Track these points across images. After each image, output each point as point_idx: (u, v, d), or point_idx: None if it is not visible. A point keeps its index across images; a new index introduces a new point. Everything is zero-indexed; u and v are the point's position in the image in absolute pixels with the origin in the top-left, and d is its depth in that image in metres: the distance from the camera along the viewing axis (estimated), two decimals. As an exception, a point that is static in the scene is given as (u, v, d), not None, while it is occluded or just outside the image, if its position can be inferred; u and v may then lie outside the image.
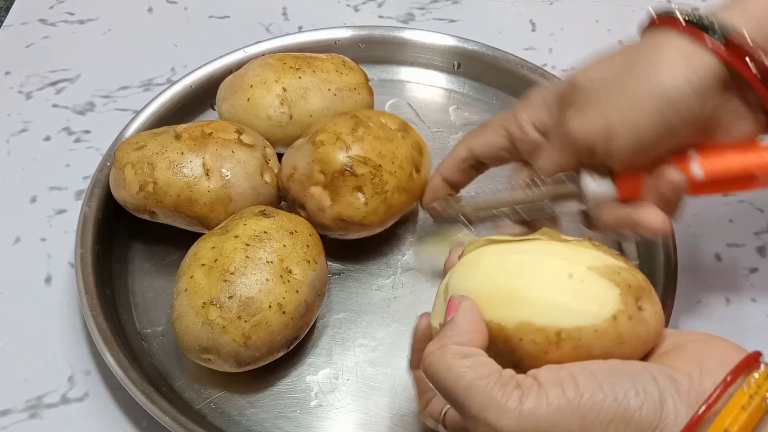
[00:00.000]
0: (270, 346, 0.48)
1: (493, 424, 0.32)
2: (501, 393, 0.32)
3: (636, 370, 0.33)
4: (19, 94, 0.70)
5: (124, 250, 0.58)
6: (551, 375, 0.33)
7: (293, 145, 0.57)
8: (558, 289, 0.35)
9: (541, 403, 0.32)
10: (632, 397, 0.32)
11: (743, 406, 0.32)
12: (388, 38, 0.70)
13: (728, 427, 0.31)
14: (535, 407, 0.32)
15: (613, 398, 0.32)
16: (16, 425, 0.50)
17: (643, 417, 0.32)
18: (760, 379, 0.32)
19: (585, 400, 0.32)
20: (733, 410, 0.32)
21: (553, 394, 0.32)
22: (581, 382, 0.32)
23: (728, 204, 0.63)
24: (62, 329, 0.55)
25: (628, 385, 0.32)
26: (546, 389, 0.32)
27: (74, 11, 0.77)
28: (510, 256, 0.37)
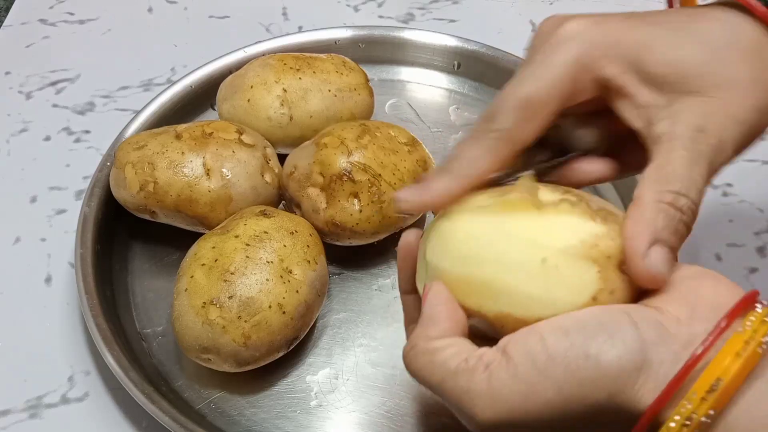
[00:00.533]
0: (270, 346, 0.48)
1: (469, 412, 0.32)
2: (468, 379, 0.32)
3: (615, 317, 0.31)
4: (19, 94, 0.70)
5: (124, 250, 0.58)
6: (519, 346, 0.31)
7: (301, 146, 0.57)
8: (532, 280, 0.33)
9: (510, 380, 0.31)
10: (607, 350, 0.30)
11: (737, 353, 0.29)
12: (388, 38, 0.70)
13: (721, 375, 0.29)
14: (505, 386, 0.31)
15: (585, 355, 0.30)
16: (16, 425, 0.50)
17: (622, 369, 0.30)
18: (756, 322, 0.30)
19: (557, 364, 0.30)
20: (726, 357, 0.29)
21: (523, 367, 0.31)
22: (551, 344, 0.31)
23: (728, 204, 0.63)
24: (62, 329, 0.55)
25: (603, 336, 0.30)
26: (514, 363, 0.31)
27: (74, 11, 0.77)
28: (482, 234, 0.35)
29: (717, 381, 0.29)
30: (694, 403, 0.29)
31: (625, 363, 0.30)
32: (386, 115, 0.67)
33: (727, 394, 0.29)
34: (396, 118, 0.67)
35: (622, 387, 0.30)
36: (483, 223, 0.35)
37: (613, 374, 0.30)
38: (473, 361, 0.32)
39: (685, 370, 0.29)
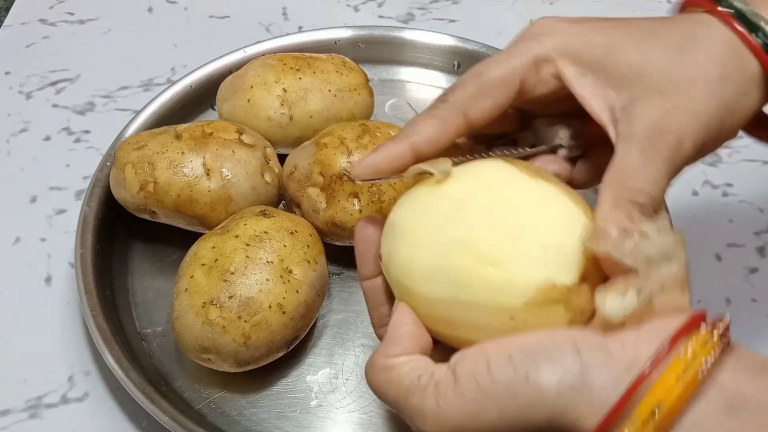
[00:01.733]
0: (270, 346, 0.48)
1: (421, 428, 0.33)
2: (420, 399, 0.33)
3: (558, 342, 0.31)
4: (19, 94, 0.70)
5: (124, 250, 0.58)
6: (467, 366, 0.32)
7: (301, 146, 0.57)
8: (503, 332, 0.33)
9: (456, 401, 0.32)
10: (547, 374, 0.30)
11: (678, 377, 0.29)
12: (388, 38, 0.70)
13: (661, 399, 0.29)
14: (452, 406, 0.32)
15: (525, 379, 0.31)
16: (16, 425, 0.50)
17: (561, 393, 0.30)
18: (697, 347, 0.30)
19: (499, 388, 0.31)
20: (667, 381, 0.29)
21: (467, 388, 0.32)
22: (494, 368, 0.31)
23: (728, 204, 0.63)
24: (62, 329, 0.55)
25: (543, 361, 0.31)
26: (461, 384, 0.32)
27: (74, 11, 0.77)
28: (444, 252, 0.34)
29: (658, 406, 0.29)
30: (635, 427, 0.29)
31: (564, 387, 0.30)
32: (386, 115, 0.67)
33: (668, 418, 0.29)
34: (396, 118, 0.67)
35: (562, 411, 0.30)
36: (445, 232, 0.35)
37: (552, 398, 0.30)
38: (425, 379, 0.33)
39: (626, 396, 0.29)
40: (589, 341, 0.31)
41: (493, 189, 0.35)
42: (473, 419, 0.32)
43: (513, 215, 0.34)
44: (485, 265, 0.33)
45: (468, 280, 0.34)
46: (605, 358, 0.31)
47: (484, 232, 0.34)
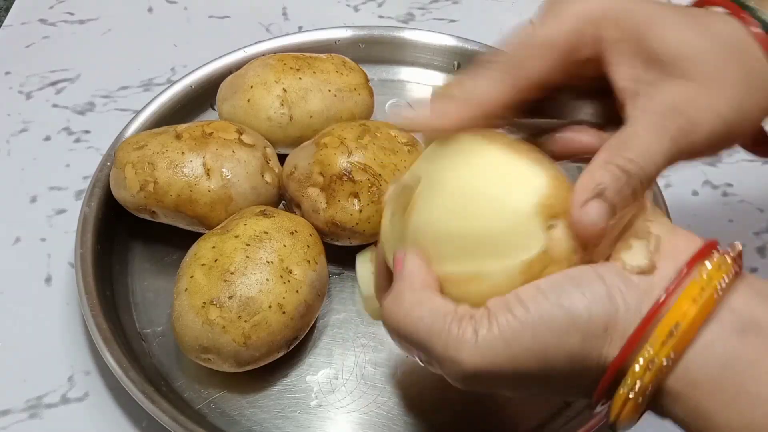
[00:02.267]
0: (270, 346, 0.48)
1: (456, 359, 0.33)
2: (457, 328, 0.33)
3: (582, 272, 0.33)
4: (19, 94, 0.70)
5: (124, 250, 0.58)
6: (500, 303, 0.33)
7: (301, 146, 0.57)
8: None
9: (493, 329, 0.33)
10: (578, 300, 0.32)
11: (694, 298, 0.31)
12: (388, 38, 0.70)
13: (679, 320, 0.31)
14: (488, 333, 0.33)
15: (559, 305, 0.32)
16: (16, 425, 0.50)
17: (593, 317, 0.32)
18: (712, 270, 0.32)
19: (533, 315, 0.32)
20: (684, 303, 0.31)
21: (502, 318, 0.33)
22: (526, 299, 0.33)
23: (728, 204, 0.63)
24: (62, 329, 0.55)
25: (573, 289, 0.32)
26: (495, 315, 0.33)
27: (74, 11, 0.77)
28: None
29: (675, 326, 0.31)
30: (655, 347, 0.31)
31: (594, 310, 0.32)
32: (386, 115, 0.67)
33: (686, 338, 0.31)
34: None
35: (594, 332, 0.32)
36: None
37: (585, 320, 0.32)
38: (462, 311, 0.34)
39: (649, 317, 0.32)
40: (609, 270, 0.33)
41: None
42: (509, 347, 0.33)
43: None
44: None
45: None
46: (626, 284, 0.33)
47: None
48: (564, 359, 0.33)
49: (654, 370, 0.31)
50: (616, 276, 0.33)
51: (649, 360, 0.31)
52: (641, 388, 0.32)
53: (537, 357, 0.33)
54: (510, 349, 0.33)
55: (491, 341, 0.33)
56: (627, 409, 0.32)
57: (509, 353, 0.33)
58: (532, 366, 0.33)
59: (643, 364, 0.31)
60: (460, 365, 0.33)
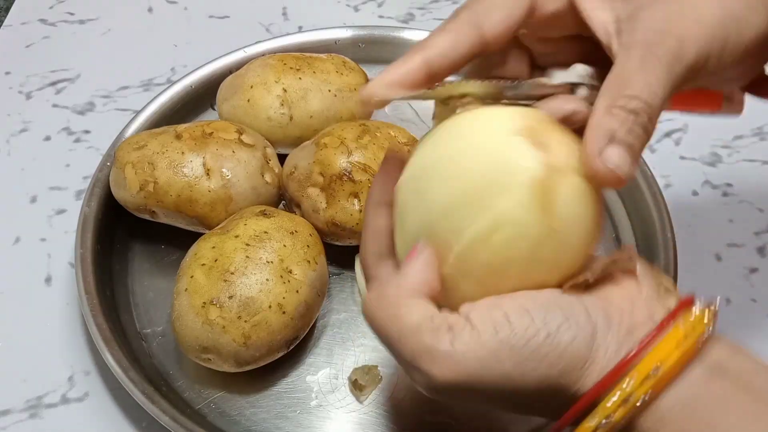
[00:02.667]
0: (270, 346, 0.48)
1: (426, 370, 0.32)
2: (432, 337, 0.32)
3: (569, 302, 0.33)
4: (19, 94, 0.70)
5: (124, 250, 0.58)
6: (484, 316, 0.32)
7: (300, 146, 0.57)
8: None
9: (472, 345, 0.32)
10: (564, 331, 0.32)
11: (678, 343, 0.32)
12: (388, 38, 0.70)
13: (659, 363, 0.31)
14: (467, 349, 0.32)
15: (546, 333, 0.32)
16: (16, 425, 0.50)
17: (575, 350, 0.32)
18: (695, 321, 0.33)
19: (518, 338, 0.32)
20: (665, 347, 0.32)
21: (485, 336, 0.32)
22: (514, 320, 0.32)
23: (728, 204, 0.63)
24: (62, 329, 0.55)
25: (561, 318, 0.32)
26: (478, 330, 0.32)
27: (74, 11, 0.77)
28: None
29: (656, 367, 0.31)
30: (634, 384, 0.31)
31: (579, 344, 0.32)
32: (386, 115, 0.67)
33: (665, 379, 0.31)
34: (396, 118, 0.67)
35: (573, 366, 0.32)
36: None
37: (569, 354, 0.32)
38: (438, 321, 0.33)
39: (635, 354, 0.32)
40: (595, 304, 0.33)
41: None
42: (488, 367, 0.32)
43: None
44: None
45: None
46: (609, 323, 0.33)
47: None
48: (539, 386, 0.32)
49: (629, 406, 0.31)
50: (600, 314, 0.33)
51: (625, 397, 0.31)
52: (611, 423, 0.32)
53: (513, 381, 0.32)
54: (487, 368, 0.32)
55: (469, 359, 0.32)
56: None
57: (485, 373, 0.32)
58: (506, 389, 0.32)
59: (617, 400, 0.31)
60: (432, 379, 0.32)
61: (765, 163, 0.66)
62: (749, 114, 0.44)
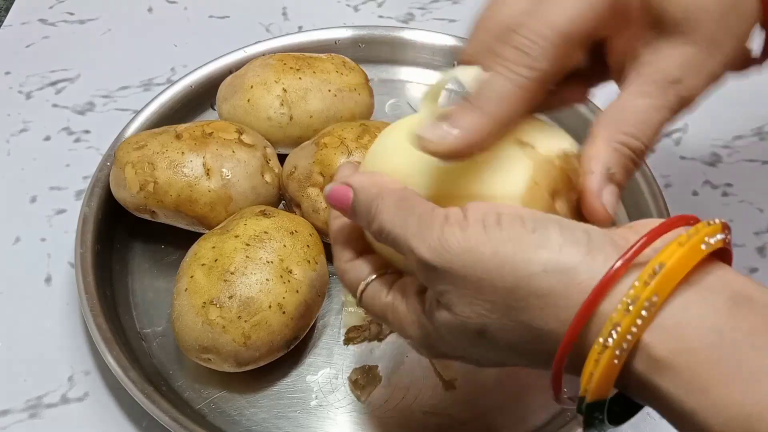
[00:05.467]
0: (270, 346, 0.48)
1: (415, 249, 0.33)
2: (427, 222, 0.33)
3: (570, 221, 0.32)
4: (19, 94, 0.70)
5: (124, 250, 0.58)
6: (479, 213, 0.33)
7: (300, 146, 0.57)
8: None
9: (459, 234, 0.32)
10: (554, 237, 0.31)
11: (680, 243, 0.29)
12: (388, 38, 0.70)
13: (663, 261, 0.29)
14: (452, 235, 0.32)
15: (531, 230, 0.31)
16: (16, 425, 0.50)
17: (563, 255, 0.30)
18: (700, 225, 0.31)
19: (502, 230, 0.31)
20: (669, 247, 0.29)
21: (473, 228, 0.32)
22: (504, 221, 0.32)
23: (728, 204, 0.63)
24: (62, 329, 0.55)
25: (553, 227, 0.31)
26: (469, 221, 0.32)
27: (74, 11, 0.77)
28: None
29: (660, 265, 0.29)
30: (637, 286, 0.29)
31: (569, 250, 0.30)
32: (386, 115, 0.67)
33: (670, 280, 0.29)
34: (396, 118, 0.66)
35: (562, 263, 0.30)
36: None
37: (555, 257, 0.30)
38: (438, 211, 0.34)
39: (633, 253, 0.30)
40: (596, 228, 0.32)
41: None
42: (467, 252, 0.32)
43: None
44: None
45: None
46: (612, 243, 0.31)
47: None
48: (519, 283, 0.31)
49: (634, 312, 0.28)
50: (602, 235, 0.31)
51: (630, 300, 0.28)
52: (620, 336, 0.28)
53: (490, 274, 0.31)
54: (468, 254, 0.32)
55: (452, 243, 0.32)
56: (600, 369, 0.29)
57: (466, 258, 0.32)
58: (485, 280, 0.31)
59: (622, 307, 0.28)
60: (417, 256, 0.33)
61: (765, 163, 0.66)
62: (749, 114, 0.44)
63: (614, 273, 0.29)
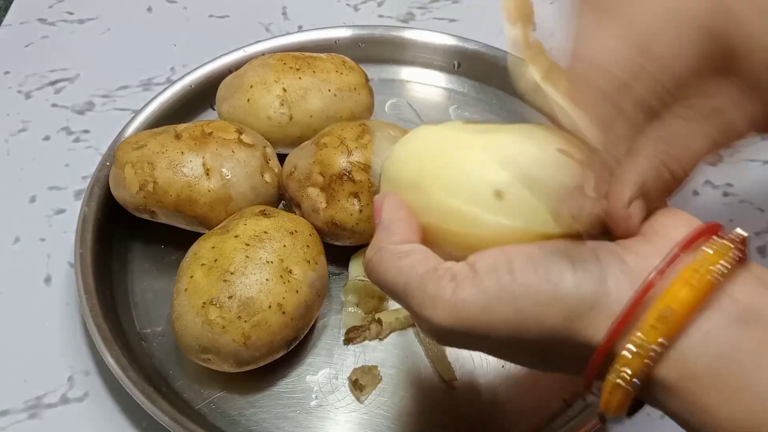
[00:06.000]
0: (270, 346, 0.48)
1: (430, 318, 0.33)
2: (435, 286, 0.33)
3: (579, 249, 0.32)
4: (19, 94, 0.70)
5: (124, 250, 0.58)
6: (488, 262, 0.32)
7: (300, 145, 0.57)
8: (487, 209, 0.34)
9: (474, 292, 0.32)
10: (568, 277, 0.31)
11: (688, 282, 0.30)
12: (388, 38, 0.70)
13: (670, 303, 0.29)
14: (468, 296, 0.32)
15: (546, 279, 0.31)
16: (15, 425, 0.50)
17: (581, 295, 0.31)
18: (710, 254, 0.30)
19: (519, 285, 0.31)
20: (677, 287, 0.30)
21: (487, 282, 0.32)
22: (517, 267, 0.32)
23: (728, 204, 0.63)
24: (62, 329, 0.55)
25: (565, 265, 0.31)
26: (481, 277, 0.32)
27: (73, 11, 0.77)
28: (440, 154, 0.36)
29: (667, 309, 0.29)
30: (644, 332, 0.30)
31: (584, 290, 0.31)
32: (386, 115, 0.67)
33: (678, 323, 0.29)
34: (396, 118, 0.67)
35: (579, 313, 0.31)
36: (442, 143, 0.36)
37: (571, 299, 0.31)
38: (442, 271, 0.33)
39: (638, 298, 0.30)
40: (608, 250, 0.32)
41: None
42: (488, 312, 0.32)
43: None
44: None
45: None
46: (621, 266, 0.31)
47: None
48: (545, 334, 0.31)
49: (643, 356, 0.30)
50: (613, 257, 0.32)
51: (639, 345, 0.30)
52: (630, 376, 0.30)
53: (515, 328, 0.31)
54: (487, 315, 0.32)
55: (470, 305, 0.32)
56: (615, 398, 0.31)
57: (486, 319, 0.32)
58: (510, 336, 0.32)
59: (631, 349, 0.30)
60: (433, 323, 0.33)
61: (765, 163, 0.66)
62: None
63: (625, 315, 0.30)
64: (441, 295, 0.32)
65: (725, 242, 0.31)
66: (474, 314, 0.32)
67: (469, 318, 0.32)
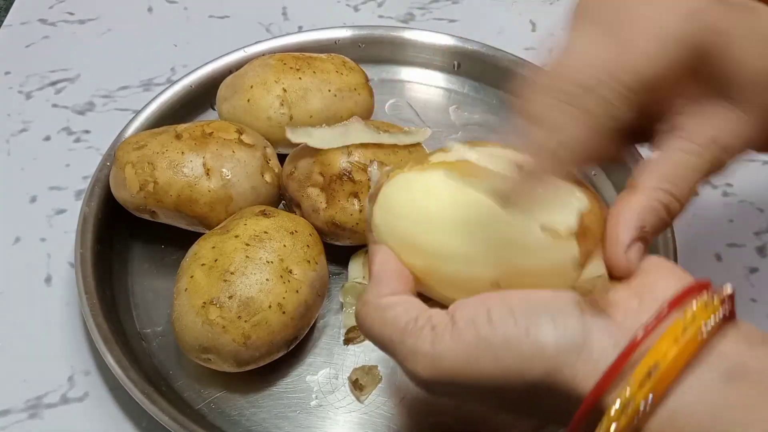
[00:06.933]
0: (270, 346, 0.48)
1: (412, 371, 0.33)
2: (415, 339, 0.33)
3: (562, 303, 0.32)
4: (19, 94, 0.70)
5: (124, 250, 0.58)
6: (468, 313, 0.32)
7: (301, 145, 0.57)
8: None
9: (452, 344, 0.32)
10: (548, 332, 0.31)
11: (676, 338, 0.30)
12: (388, 38, 0.70)
13: (658, 360, 0.29)
14: (446, 348, 0.32)
15: (525, 333, 0.31)
16: (15, 425, 0.50)
17: (560, 349, 0.31)
18: (697, 310, 0.30)
19: (498, 337, 0.31)
20: (664, 344, 0.30)
21: (465, 333, 0.32)
22: (495, 318, 0.32)
23: (728, 204, 0.63)
24: (62, 329, 0.55)
25: (546, 319, 0.31)
26: (459, 329, 0.32)
27: (74, 11, 0.77)
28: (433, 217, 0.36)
29: (654, 366, 0.29)
30: (632, 389, 0.29)
31: (564, 344, 0.31)
32: (386, 115, 0.67)
33: (665, 380, 0.29)
34: (396, 118, 0.67)
35: (560, 367, 0.31)
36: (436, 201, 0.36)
37: (551, 353, 0.31)
38: (422, 321, 0.33)
39: (625, 354, 0.30)
40: (593, 306, 0.32)
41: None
42: (467, 365, 0.32)
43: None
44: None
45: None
46: (607, 323, 0.31)
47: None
48: (527, 390, 0.32)
49: (630, 413, 0.29)
50: (598, 314, 0.32)
51: (626, 402, 0.29)
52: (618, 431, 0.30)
53: (496, 380, 0.32)
54: (468, 367, 0.32)
55: (449, 357, 0.32)
56: None
57: (467, 371, 0.32)
58: (493, 387, 0.32)
59: (618, 408, 0.30)
60: (416, 375, 0.33)
61: (765, 163, 0.66)
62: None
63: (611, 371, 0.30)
64: (420, 347, 0.33)
65: (712, 299, 0.31)
66: (454, 366, 0.32)
67: (451, 370, 0.32)
